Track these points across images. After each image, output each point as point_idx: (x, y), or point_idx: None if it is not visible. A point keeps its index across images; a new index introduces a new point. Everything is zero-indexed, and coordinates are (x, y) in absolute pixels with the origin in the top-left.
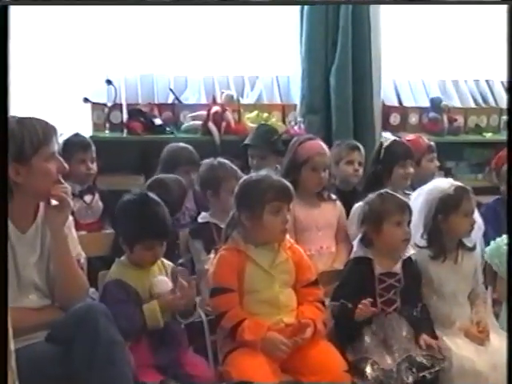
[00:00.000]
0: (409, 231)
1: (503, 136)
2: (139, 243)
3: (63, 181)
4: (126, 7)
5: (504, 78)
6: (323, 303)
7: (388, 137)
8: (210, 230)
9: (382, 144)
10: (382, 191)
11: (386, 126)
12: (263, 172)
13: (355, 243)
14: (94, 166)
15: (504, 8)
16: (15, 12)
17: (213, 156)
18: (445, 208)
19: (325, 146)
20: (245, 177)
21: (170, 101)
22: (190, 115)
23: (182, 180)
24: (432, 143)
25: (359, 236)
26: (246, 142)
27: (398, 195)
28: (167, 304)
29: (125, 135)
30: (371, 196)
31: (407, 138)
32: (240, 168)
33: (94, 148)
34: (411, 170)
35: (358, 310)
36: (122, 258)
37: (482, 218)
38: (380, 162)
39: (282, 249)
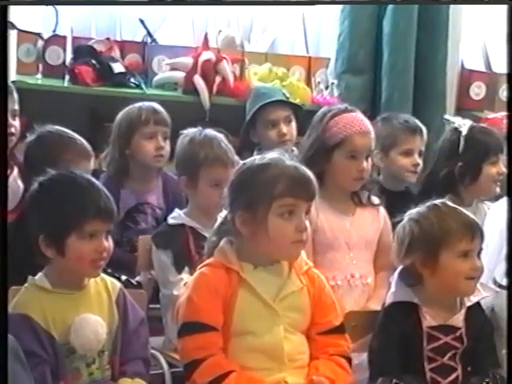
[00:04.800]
0: (480, 265)
1: None
2: (76, 231)
3: None
4: None
5: None
6: (349, 360)
7: (453, 120)
8: (184, 237)
9: (458, 131)
10: (438, 203)
11: (465, 100)
12: (272, 154)
13: (394, 280)
14: (16, 124)
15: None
16: None
17: (198, 126)
18: None
19: (368, 123)
20: (245, 161)
21: (138, 38)
22: (167, 62)
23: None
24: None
25: (399, 269)
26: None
27: (464, 210)
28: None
29: (66, 84)
30: (422, 210)
31: (488, 117)
32: (238, 148)
33: (16, 97)
34: (504, 169)
35: None
36: (38, 276)
37: None
38: (460, 158)
39: (294, 273)
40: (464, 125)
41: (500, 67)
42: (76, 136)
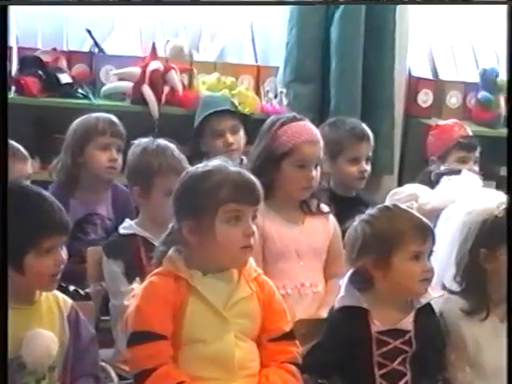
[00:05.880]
0: (430, 267)
1: None
2: (33, 248)
3: None
4: None
5: None
6: (300, 367)
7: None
8: (135, 247)
9: None
10: (389, 205)
11: (412, 107)
12: (215, 161)
13: (343, 284)
14: None
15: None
16: None
17: (147, 136)
18: (490, 238)
19: (317, 132)
20: (188, 169)
21: (85, 48)
22: (115, 72)
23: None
24: (470, 133)
25: (349, 273)
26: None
27: (416, 212)
28: None
29: (12, 95)
30: (374, 212)
31: (438, 123)
32: (188, 157)
33: None
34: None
35: None
36: None
37: None
38: None
39: (243, 280)
40: None
41: (447, 74)
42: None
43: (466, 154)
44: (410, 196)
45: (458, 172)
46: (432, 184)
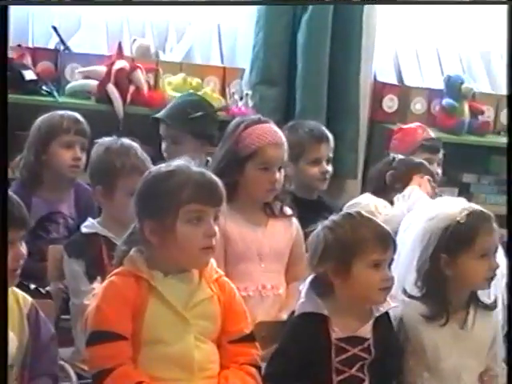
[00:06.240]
0: (390, 276)
1: None
2: None
3: None
4: None
5: None
6: (259, 369)
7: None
8: (97, 246)
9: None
10: (352, 212)
11: (378, 112)
12: (178, 161)
13: (303, 289)
14: None
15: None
16: None
17: (111, 135)
18: (451, 244)
19: (282, 134)
20: (150, 169)
21: (51, 45)
22: (80, 70)
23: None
24: (433, 136)
25: (310, 278)
26: (157, 115)
27: (377, 220)
28: None
29: None
30: (336, 218)
31: (402, 127)
32: (153, 157)
33: None
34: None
35: None
36: None
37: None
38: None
39: (204, 281)
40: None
41: (412, 80)
42: None
43: (429, 156)
44: (365, 207)
45: (419, 164)
46: (385, 185)
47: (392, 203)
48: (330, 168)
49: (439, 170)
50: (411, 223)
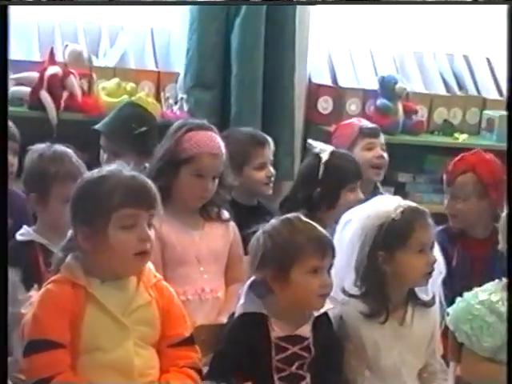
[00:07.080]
0: (329, 282)
1: (485, 140)
2: None
3: None
4: None
5: (490, 53)
6: (199, 372)
7: (315, 145)
8: (33, 254)
9: (319, 157)
10: (291, 216)
11: (313, 114)
12: (110, 166)
13: (243, 291)
14: None
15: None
16: None
17: (45, 142)
18: (388, 241)
19: (221, 144)
20: (84, 175)
21: None
22: (12, 77)
23: None
24: (370, 125)
25: (250, 281)
26: (98, 126)
27: (316, 225)
28: None
29: None
30: (276, 223)
31: (338, 124)
32: (88, 164)
33: None
34: (361, 195)
35: None
36: None
37: None
38: (319, 184)
39: (142, 286)
40: (324, 151)
41: (346, 82)
42: None
43: (370, 140)
44: None
45: (343, 177)
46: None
47: (320, 221)
48: (273, 171)
49: (385, 154)
50: (347, 222)
